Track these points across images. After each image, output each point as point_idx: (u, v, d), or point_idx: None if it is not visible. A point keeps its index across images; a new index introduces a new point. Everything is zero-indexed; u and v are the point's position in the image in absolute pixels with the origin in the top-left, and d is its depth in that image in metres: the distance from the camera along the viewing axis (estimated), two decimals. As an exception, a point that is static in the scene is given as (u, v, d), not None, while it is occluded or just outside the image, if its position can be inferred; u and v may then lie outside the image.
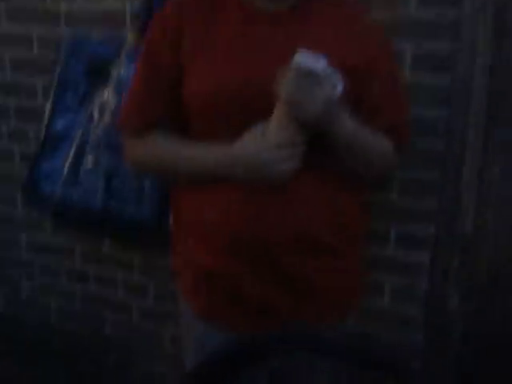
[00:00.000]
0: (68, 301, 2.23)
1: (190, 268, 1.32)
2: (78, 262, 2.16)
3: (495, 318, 1.73)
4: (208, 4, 1.25)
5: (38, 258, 2.24)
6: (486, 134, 1.61)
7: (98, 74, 1.75)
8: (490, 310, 1.74)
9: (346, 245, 1.30)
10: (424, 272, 1.73)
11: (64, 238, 2.14)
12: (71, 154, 1.78)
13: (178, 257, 1.38)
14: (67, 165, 1.78)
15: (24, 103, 2.09)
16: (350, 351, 0.98)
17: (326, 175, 1.23)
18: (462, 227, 1.66)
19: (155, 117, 1.28)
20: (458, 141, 1.61)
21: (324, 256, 1.27)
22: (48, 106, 1.85)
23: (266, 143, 1.14)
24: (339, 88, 1.11)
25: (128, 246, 2.02)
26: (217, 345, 1.18)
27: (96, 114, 1.73)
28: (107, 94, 1.70)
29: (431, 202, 1.68)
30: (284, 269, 1.24)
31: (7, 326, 2.34)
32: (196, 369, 1.02)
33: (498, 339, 1.72)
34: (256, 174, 1.17)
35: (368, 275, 1.47)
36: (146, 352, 2.12)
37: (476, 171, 1.63)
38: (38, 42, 2.01)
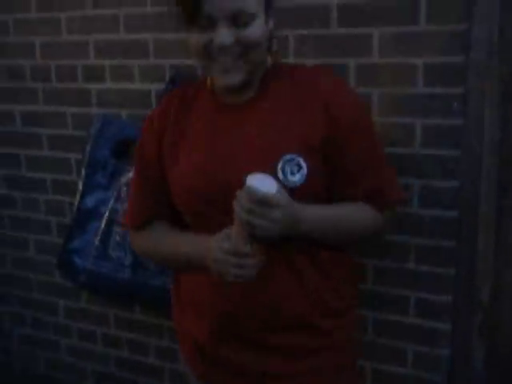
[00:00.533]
0: (103, 364, 2.31)
1: (187, 339, 1.42)
2: (112, 328, 2.25)
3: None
4: (184, 106, 1.33)
5: (75, 323, 2.33)
6: (498, 202, 1.63)
7: (124, 153, 1.86)
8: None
9: (327, 320, 1.33)
10: (445, 339, 1.74)
11: (98, 306, 2.24)
12: (101, 229, 1.88)
13: (177, 325, 1.47)
14: (97, 240, 1.89)
15: (59, 177, 2.22)
16: None
17: (293, 254, 1.26)
18: (479, 295, 1.67)
19: (149, 214, 1.39)
20: (470, 210, 1.63)
21: (302, 332, 1.30)
22: (79, 184, 1.97)
23: (222, 246, 1.16)
24: (298, 179, 1.17)
25: (157, 312, 2.09)
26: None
27: (123, 193, 1.84)
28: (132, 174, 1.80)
29: (449, 269, 1.70)
30: (269, 345, 1.30)
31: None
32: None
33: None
34: (217, 270, 1.19)
35: (357, 354, 1.47)
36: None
37: (491, 240, 1.64)
38: (72, 121, 2.15)
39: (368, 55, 1.66)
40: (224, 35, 1.14)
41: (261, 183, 1.09)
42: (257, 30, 1.17)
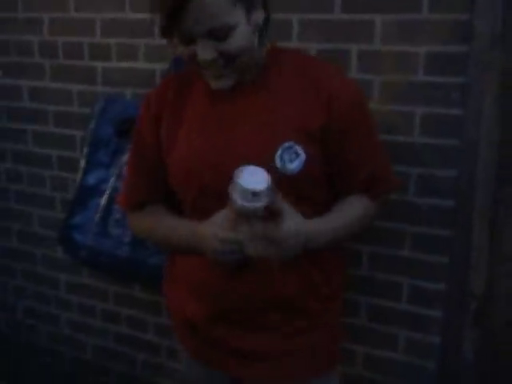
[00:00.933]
0: (102, 339, 2.36)
1: (179, 317, 1.45)
2: (111, 303, 2.29)
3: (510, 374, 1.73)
4: (181, 91, 1.33)
5: (76, 298, 2.38)
6: (495, 193, 1.63)
7: (127, 132, 1.87)
8: (504, 366, 1.74)
9: (318, 303, 1.36)
10: (437, 326, 1.75)
11: (99, 281, 2.28)
12: (101, 206, 1.91)
13: (170, 302, 1.50)
14: (97, 217, 1.92)
15: (64, 153, 2.25)
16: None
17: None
18: (473, 285, 1.68)
19: (144, 197, 1.40)
20: (466, 200, 1.64)
21: (297, 317, 1.34)
22: (82, 161, 1.99)
23: (214, 231, 1.16)
24: (296, 166, 1.18)
25: (156, 290, 2.12)
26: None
27: (124, 171, 1.85)
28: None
29: (444, 257, 1.71)
30: (260, 325, 1.33)
31: (48, 359, 2.50)
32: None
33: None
34: (210, 256, 1.21)
35: (343, 338, 1.51)
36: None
37: (486, 231, 1.65)
38: (78, 98, 2.17)
39: (370, 42, 1.66)
40: (205, 51, 1.13)
41: (251, 178, 1.06)
42: (238, 40, 1.14)
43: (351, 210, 1.32)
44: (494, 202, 1.63)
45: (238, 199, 1.05)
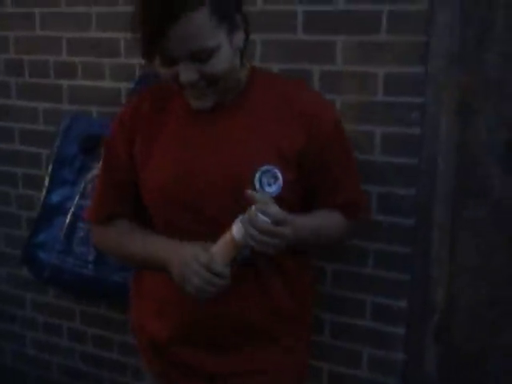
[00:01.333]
0: (68, 358, 2.33)
1: (144, 337, 1.43)
2: (77, 322, 2.27)
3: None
4: (157, 107, 1.32)
5: (42, 317, 2.35)
6: (453, 210, 1.66)
7: (91, 150, 1.88)
8: (467, 380, 1.76)
9: (286, 325, 1.37)
10: (400, 343, 1.77)
11: (65, 300, 2.26)
12: (66, 224, 1.90)
13: (135, 321, 1.48)
14: (62, 235, 1.91)
15: (30, 171, 2.24)
16: None
17: (260, 266, 1.29)
18: (433, 300, 1.71)
19: (113, 211, 1.39)
20: (425, 217, 1.66)
21: (260, 341, 1.34)
22: (46, 179, 1.99)
23: (198, 256, 1.15)
24: (275, 190, 1.19)
25: (122, 308, 2.11)
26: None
27: (88, 189, 1.86)
28: (97, 171, 1.82)
29: (406, 274, 1.73)
30: (224, 349, 1.33)
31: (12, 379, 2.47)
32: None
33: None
34: (181, 276, 1.19)
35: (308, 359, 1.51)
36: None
37: (446, 246, 1.68)
38: (44, 116, 2.17)
39: (332, 62, 1.69)
40: (187, 73, 1.12)
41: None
42: (221, 61, 1.14)
43: (329, 217, 1.34)
44: (453, 218, 1.66)
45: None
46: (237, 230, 1.11)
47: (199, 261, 1.14)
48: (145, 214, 1.37)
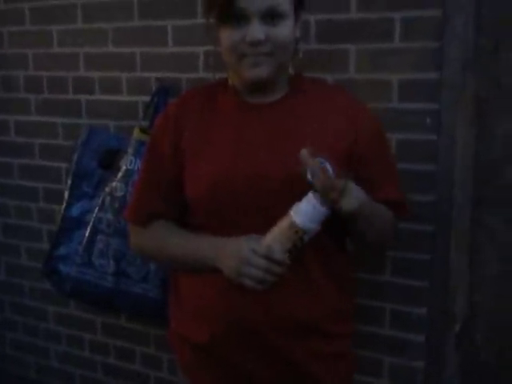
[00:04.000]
0: (90, 370, 2.35)
1: (188, 345, 1.41)
2: (99, 334, 2.29)
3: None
4: (206, 104, 1.36)
5: (64, 329, 2.37)
6: (472, 216, 1.65)
7: (109, 164, 1.90)
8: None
9: (333, 325, 1.37)
10: (420, 351, 1.75)
11: (86, 312, 2.28)
12: (85, 237, 1.92)
13: (175, 336, 1.47)
14: (81, 248, 1.93)
15: (50, 186, 2.27)
16: None
17: (308, 262, 1.30)
18: (453, 308, 1.69)
19: (155, 210, 1.40)
20: (444, 224, 1.65)
21: (312, 338, 1.33)
22: (65, 193, 2.01)
23: (254, 247, 1.19)
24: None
25: (143, 320, 2.13)
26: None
27: (107, 202, 1.88)
28: (116, 184, 1.85)
29: (425, 282, 1.72)
30: (274, 350, 1.31)
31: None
32: None
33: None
34: (236, 271, 1.23)
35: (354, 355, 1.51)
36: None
37: (465, 254, 1.66)
38: (63, 131, 2.20)
39: (345, 71, 1.69)
40: (257, 30, 1.19)
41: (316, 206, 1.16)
42: (286, 30, 1.23)
43: (382, 208, 1.35)
44: (471, 225, 1.65)
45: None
46: (296, 213, 1.16)
47: (257, 252, 1.18)
48: (182, 215, 1.38)
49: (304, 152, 1.14)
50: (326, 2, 1.68)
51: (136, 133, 1.84)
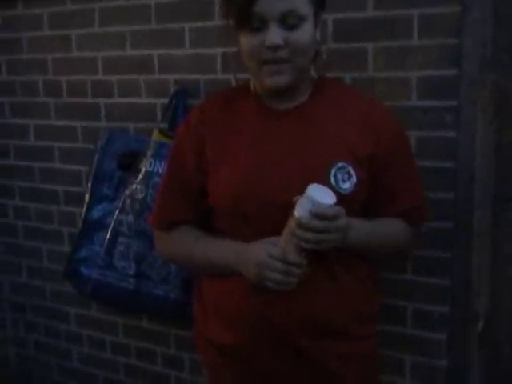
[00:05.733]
0: (113, 371, 2.37)
1: (213, 346, 1.42)
2: (120, 335, 2.30)
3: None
4: (227, 109, 1.37)
5: (86, 331, 2.39)
6: (493, 213, 1.63)
7: (129, 166, 1.91)
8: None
9: (359, 327, 1.37)
10: (442, 350, 1.74)
11: (107, 314, 2.30)
12: (106, 240, 1.94)
13: (200, 338, 1.48)
14: (103, 250, 1.94)
15: (71, 188, 2.29)
16: None
17: (333, 263, 1.30)
18: (476, 306, 1.68)
19: (178, 217, 1.41)
20: (464, 222, 1.64)
21: (337, 339, 1.34)
22: (86, 196, 2.03)
23: (270, 251, 1.20)
24: (349, 186, 1.24)
25: (164, 321, 2.14)
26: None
27: (127, 204, 1.89)
28: (136, 186, 1.86)
29: (446, 280, 1.71)
30: (298, 352, 1.32)
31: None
32: None
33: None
34: (257, 275, 1.24)
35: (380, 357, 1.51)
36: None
37: (486, 251, 1.65)
38: (82, 134, 2.22)
39: (363, 69, 1.69)
40: (275, 35, 1.18)
41: (321, 194, 1.15)
42: (306, 34, 1.22)
43: (391, 224, 1.37)
44: (492, 222, 1.63)
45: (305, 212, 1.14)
46: (298, 208, 1.15)
47: (274, 256, 1.19)
48: (206, 220, 1.39)
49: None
50: (342, 1, 1.68)
51: (155, 135, 1.85)
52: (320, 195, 1.14)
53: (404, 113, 1.65)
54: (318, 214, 1.14)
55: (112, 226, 1.93)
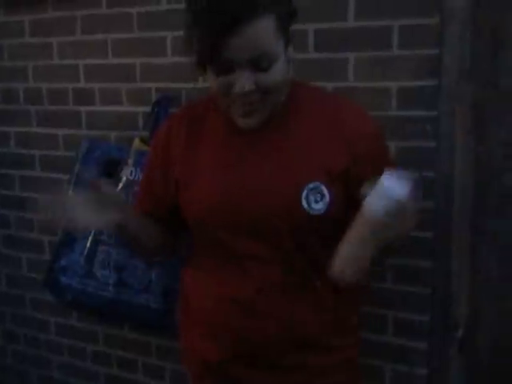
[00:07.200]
0: (93, 381, 2.34)
1: (197, 358, 1.42)
2: (101, 345, 2.28)
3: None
4: (193, 125, 1.32)
5: (66, 340, 2.37)
6: (472, 223, 1.65)
7: (110, 174, 1.90)
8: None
9: (341, 338, 1.37)
10: (422, 358, 1.75)
11: (88, 323, 2.27)
12: (86, 248, 1.92)
13: (185, 350, 1.48)
14: (83, 259, 1.93)
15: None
16: None
17: (311, 274, 1.30)
18: (456, 314, 1.69)
19: (146, 212, 1.42)
20: (444, 231, 1.66)
21: (316, 352, 1.33)
22: (67, 204, 2.01)
23: None
24: (322, 207, 1.21)
25: (145, 330, 2.13)
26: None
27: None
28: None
29: (427, 289, 1.72)
30: (277, 367, 1.32)
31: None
32: None
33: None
34: None
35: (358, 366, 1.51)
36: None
37: (466, 260, 1.67)
38: (64, 143, 2.21)
39: (344, 79, 1.70)
40: (244, 81, 1.10)
41: (396, 185, 1.04)
42: (277, 74, 1.13)
43: None
44: (471, 231, 1.65)
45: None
46: (370, 203, 1.05)
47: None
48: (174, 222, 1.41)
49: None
50: (323, 11, 1.69)
51: (136, 143, 1.85)
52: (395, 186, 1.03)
53: (384, 122, 1.66)
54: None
55: (92, 234, 1.92)
